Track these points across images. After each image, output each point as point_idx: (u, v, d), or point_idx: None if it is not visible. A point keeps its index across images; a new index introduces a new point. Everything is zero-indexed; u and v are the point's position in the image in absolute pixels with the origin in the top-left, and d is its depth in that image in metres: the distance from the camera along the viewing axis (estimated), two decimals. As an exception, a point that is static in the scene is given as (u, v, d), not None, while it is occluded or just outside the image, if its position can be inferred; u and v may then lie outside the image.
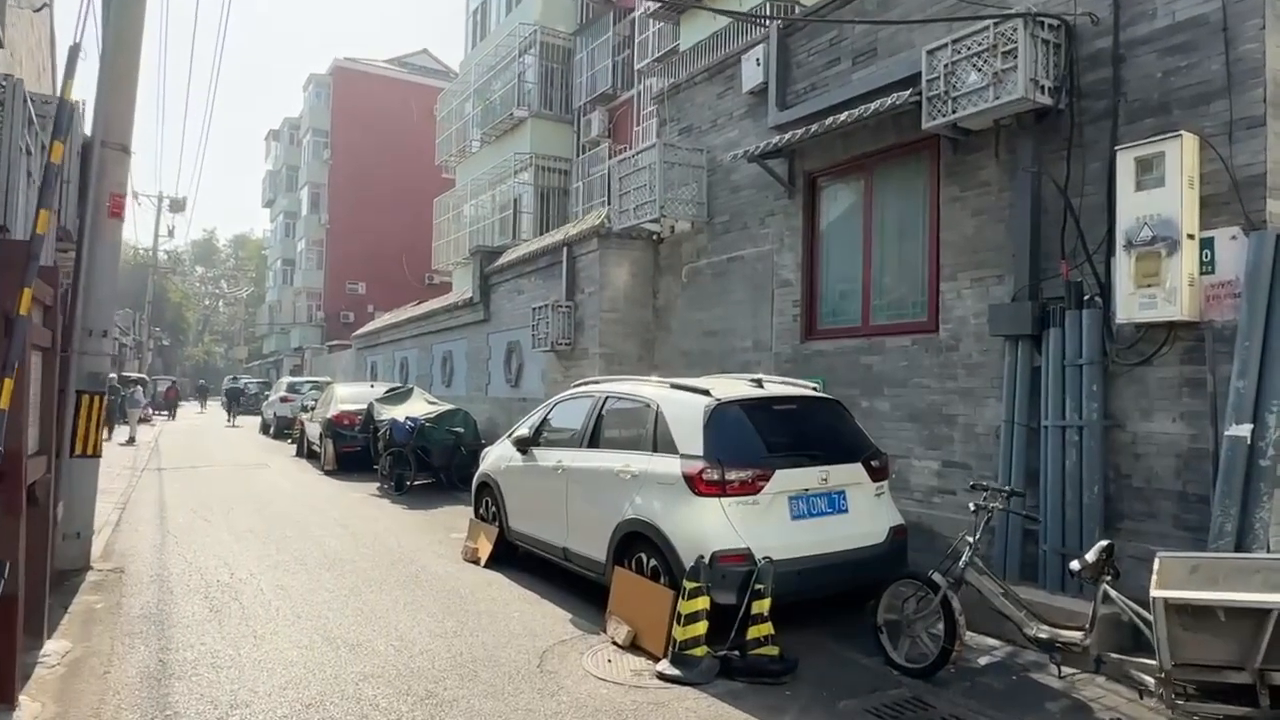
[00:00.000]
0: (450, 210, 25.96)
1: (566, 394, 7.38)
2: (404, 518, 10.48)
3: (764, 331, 8.85)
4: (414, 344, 20.18)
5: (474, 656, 5.18)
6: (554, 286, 11.88)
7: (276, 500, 11.77)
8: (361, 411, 15.21)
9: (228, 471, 15.49)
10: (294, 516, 10.32)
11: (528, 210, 21.41)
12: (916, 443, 7.03)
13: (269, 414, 25.85)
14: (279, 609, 6.17)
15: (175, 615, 5.98)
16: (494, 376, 14.60)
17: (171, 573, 7.24)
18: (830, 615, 5.98)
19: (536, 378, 12.75)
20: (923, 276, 7.21)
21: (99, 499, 10.65)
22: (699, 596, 4.96)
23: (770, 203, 8.85)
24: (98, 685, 4.61)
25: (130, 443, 20.86)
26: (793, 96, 8.55)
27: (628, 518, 5.76)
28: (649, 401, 6.10)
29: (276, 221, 52.39)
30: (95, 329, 7.23)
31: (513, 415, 13.48)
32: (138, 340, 41.60)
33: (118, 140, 7.34)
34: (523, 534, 7.36)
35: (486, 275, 14.66)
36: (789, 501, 5.45)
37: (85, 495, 7.23)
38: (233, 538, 8.87)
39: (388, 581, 7.04)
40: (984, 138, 6.50)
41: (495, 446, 8.29)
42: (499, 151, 22.87)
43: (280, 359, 48.65)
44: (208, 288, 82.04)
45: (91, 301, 7.18)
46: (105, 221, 7.23)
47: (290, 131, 50.63)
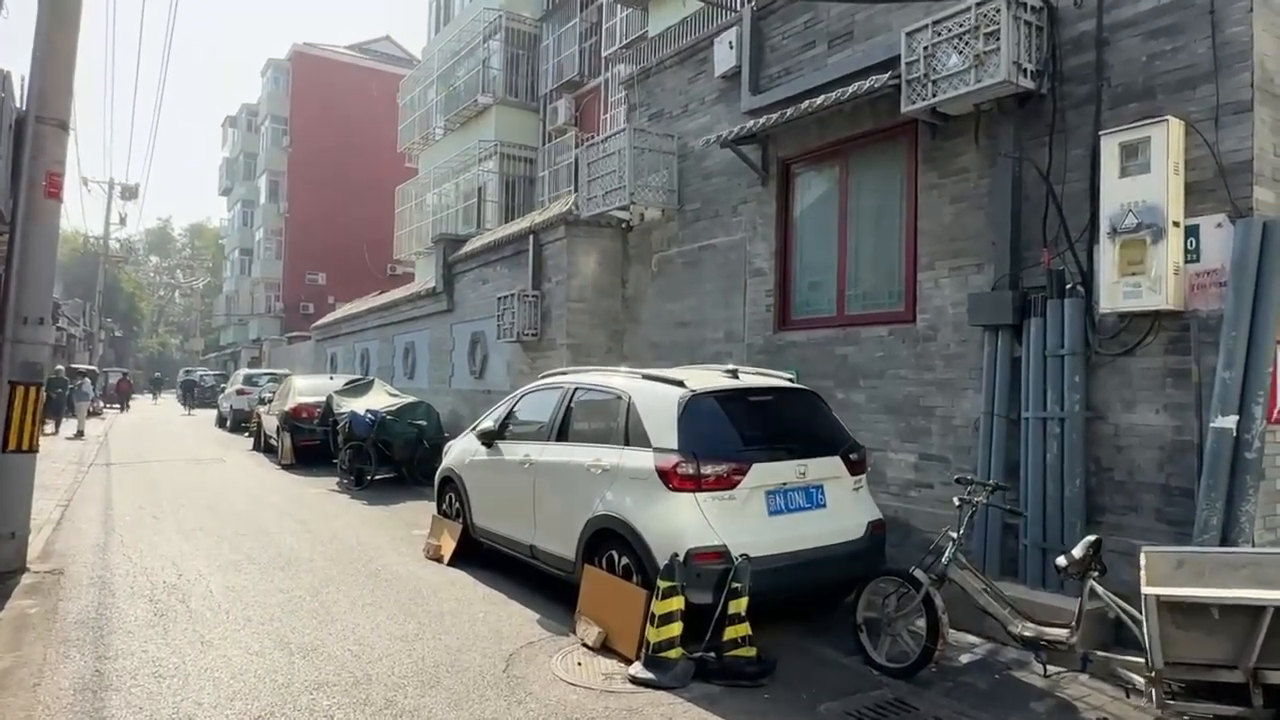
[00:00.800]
0: (413, 199, 25.42)
1: (534, 385, 7.12)
2: (364, 514, 10.13)
3: (736, 322, 8.65)
4: (375, 335, 19.70)
5: (436, 661, 4.91)
6: (520, 275, 11.57)
7: (230, 496, 11.33)
8: (320, 404, 14.77)
9: (180, 466, 14.94)
10: (248, 513, 9.92)
11: (492, 199, 20.99)
12: (893, 435, 6.88)
13: (225, 406, 25.15)
14: (229, 612, 5.83)
15: (116, 620, 5.61)
16: (458, 368, 14.25)
17: (114, 574, 6.85)
18: (806, 613, 5.81)
19: (502, 369, 12.44)
20: (899, 265, 7.06)
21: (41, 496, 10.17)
22: (673, 596, 4.74)
23: (743, 190, 8.65)
24: (26, 699, 4.26)
25: (78, 437, 20.12)
26: (766, 81, 8.35)
27: (598, 514, 5.53)
28: (620, 393, 5.86)
29: (234, 210, 51.27)
30: (31, 316, 6.79)
31: (477, 408, 13.15)
32: (88, 331, 40.34)
33: (54, 115, 6.89)
34: (488, 531, 7.09)
35: (450, 264, 14.28)
36: (766, 496, 5.26)
37: (20, 493, 6.79)
38: (182, 536, 8.47)
39: (345, 581, 6.72)
40: (963, 123, 6.35)
41: (459, 440, 8.00)
42: (463, 139, 22.41)
43: (238, 350, 47.60)
44: (163, 278, 79.96)
45: (26, 286, 6.73)
46: (41, 202, 6.79)
47: (248, 118, 49.50)
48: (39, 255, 6.83)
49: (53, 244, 6.99)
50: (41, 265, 6.86)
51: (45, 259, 6.91)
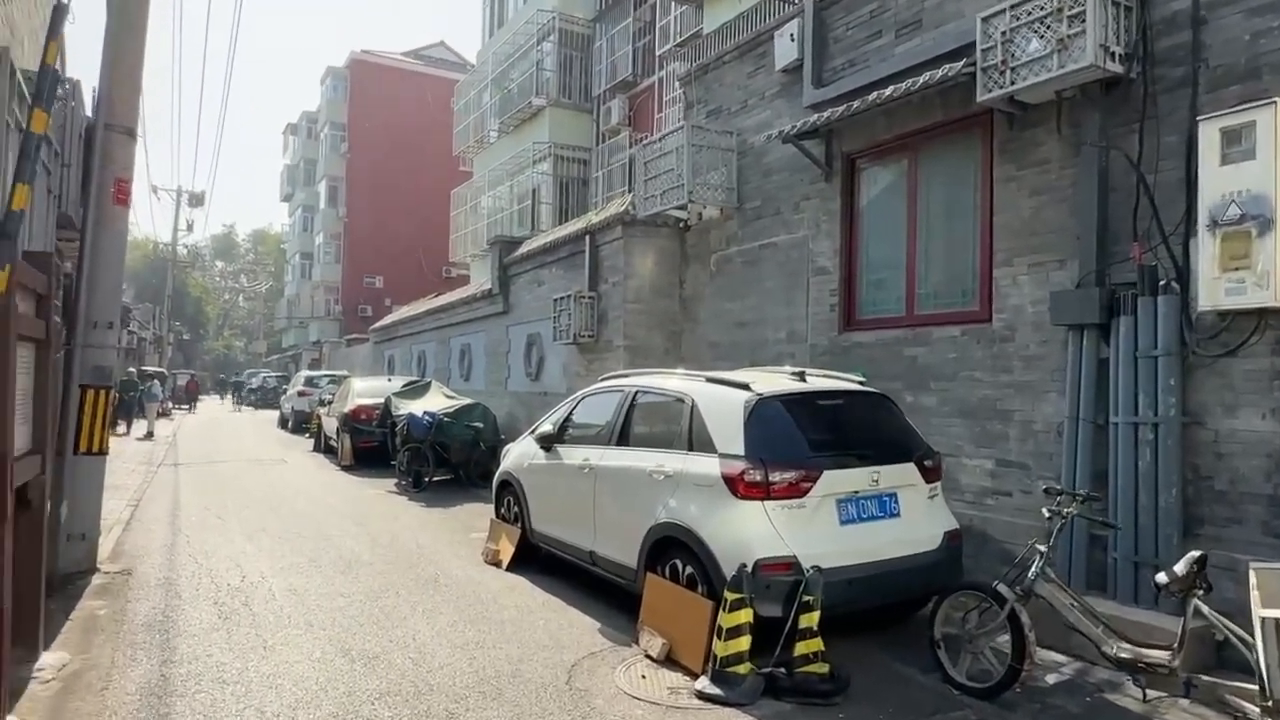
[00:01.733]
0: (468, 202, 25.63)
1: (593, 388, 6.99)
2: (422, 516, 10.13)
3: (799, 322, 8.41)
4: (432, 337, 19.86)
5: (497, 671, 4.80)
6: (576, 277, 11.48)
7: (292, 497, 11.47)
8: (379, 406, 14.92)
9: (244, 467, 15.23)
10: (309, 514, 10.00)
11: (546, 201, 21.01)
12: (967, 440, 6.58)
13: (287, 408, 25.65)
14: (291, 616, 5.82)
15: (182, 623, 5.64)
16: (513, 370, 14.24)
17: (181, 575, 6.92)
18: (878, 625, 5.56)
19: (558, 371, 12.37)
20: (974, 262, 6.74)
21: (112, 496, 10.41)
22: (741, 608, 4.55)
23: (805, 186, 8.40)
24: (93, 704, 4.26)
25: (148, 437, 20.70)
26: (830, 73, 8.09)
27: (661, 521, 5.36)
28: (683, 396, 5.68)
29: (295, 215, 52.40)
30: (100, 320, 6.90)
31: (533, 410, 13.11)
32: (157, 334, 41.63)
33: (122, 123, 6.99)
34: (546, 536, 6.98)
35: (506, 266, 14.27)
36: (837, 505, 5.03)
37: (90, 495, 6.91)
38: (246, 537, 8.55)
39: (405, 585, 6.68)
40: (1044, 111, 6.03)
41: (517, 444, 7.92)
42: (517, 141, 22.49)
43: (299, 352, 48.66)
44: (227, 282, 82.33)
45: (96, 292, 6.85)
46: (109, 208, 6.89)
47: (308, 125, 50.55)
48: (107, 261, 6.94)
49: (121, 250, 7.10)
50: (110, 271, 6.97)
51: (113, 265, 7.02)
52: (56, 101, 6.71)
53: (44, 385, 4.66)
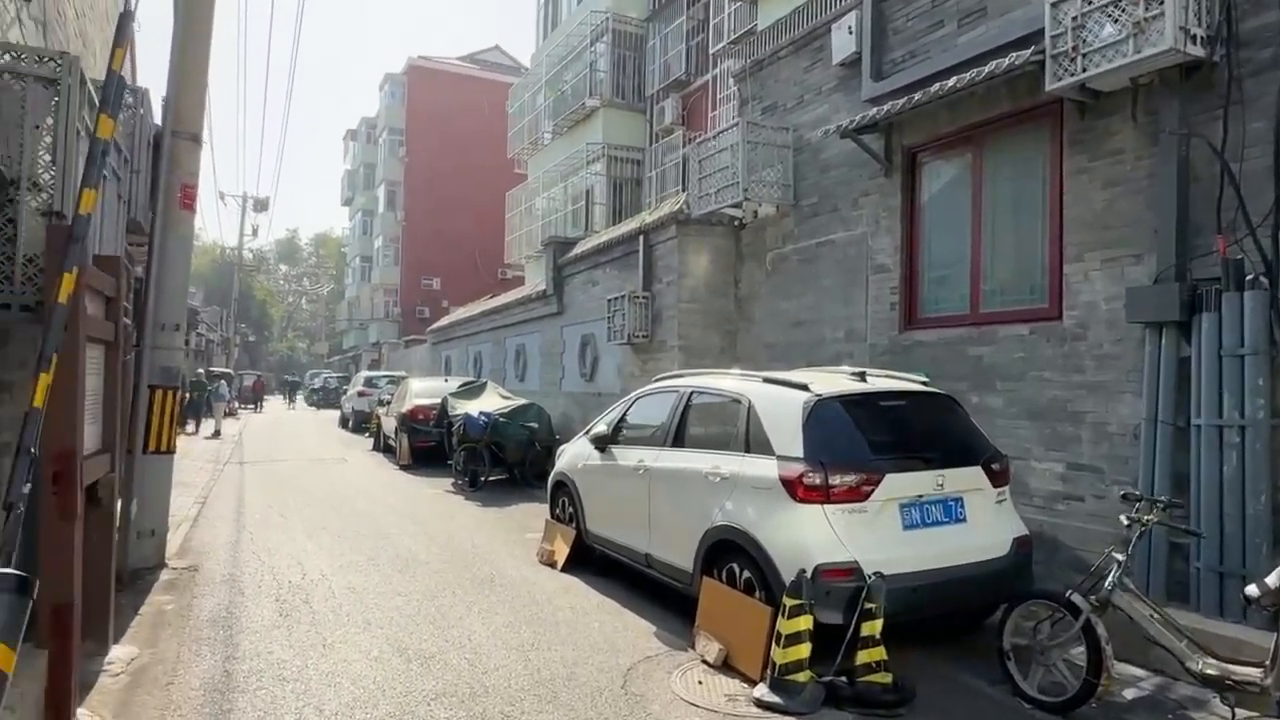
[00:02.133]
0: (522, 204, 25.80)
1: (648, 389, 6.92)
2: (478, 516, 10.20)
3: (857, 321, 8.22)
4: (488, 338, 20.06)
5: (553, 674, 4.77)
6: (630, 277, 11.44)
7: (352, 496, 11.66)
8: (436, 406, 15.09)
9: (306, 466, 15.57)
10: (368, 513, 10.15)
11: (600, 201, 21.02)
12: (1035, 443, 6.33)
13: (347, 408, 26.21)
14: (349, 614, 5.88)
15: (244, 619, 5.74)
16: (568, 370, 14.27)
17: (244, 572, 7.06)
18: (941, 634, 5.38)
19: (612, 371, 12.35)
20: (1042, 258, 6.49)
21: (180, 494, 10.71)
22: (801, 615, 4.42)
23: (864, 182, 8.21)
24: (159, 698, 4.35)
25: (215, 436, 21.33)
26: (889, 66, 7.89)
27: (718, 524, 5.27)
28: (739, 397, 5.58)
29: (355, 219, 53.51)
30: (168, 323, 7.08)
31: (588, 410, 13.12)
32: (224, 336, 42.94)
33: (188, 130, 7.17)
34: (601, 537, 6.94)
35: (560, 267, 14.31)
36: (900, 509, 4.87)
37: (159, 492, 7.10)
38: (307, 535, 8.71)
39: (462, 585, 6.70)
40: (1118, 100, 5.76)
41: (572, 444, 7.90)
42: (571, 143, 22.57)
43: (359, 354, 49.69)
44: (291, 285, 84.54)
45: (163, 294, 7.03)
46: (176, 212, 7.07)
47: (367, 130, 51.58)
48: (174, 265, 7.12)
49: (187, 254, 7.28)
50: (177, 274, 7.15)
51: (180, 268, 7.20)
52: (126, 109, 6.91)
53: (113, 386, 4.78)
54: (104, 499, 4.65)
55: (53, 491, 3.73)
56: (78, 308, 3.61)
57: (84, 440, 3.95)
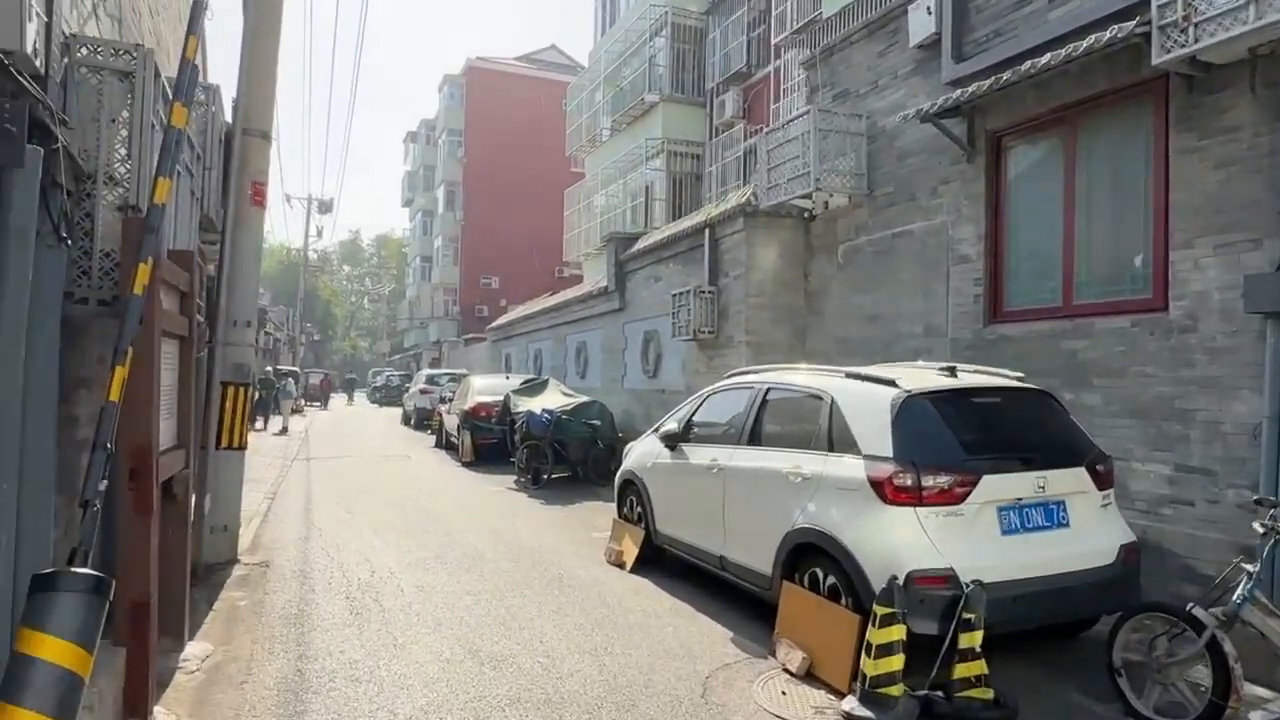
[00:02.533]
0: (581, 201, 25.77)
1: (720, 385, 6.70)
2: (543, 514, 10.10)
3: (937, 315, 7.86)
4: (548, 335, 20.03)
5: (629, 680, 4.59)
6: (695, 271, 11.21)
7: (416, 493, 11.69)
8: (498, 403, 15.09)
9: (371, 462, 15.72)
10: (433, 510, 10.13)
11: (660, 197, 20.83)
12: (1138, 443, 5.92)
13: (409, 405, 26.51)
14: (419, 613, 5.79)
15: (316, 617, 5.70)
16: (630, 367, 14.11)
17: (314, 569, 7.05)
18: (1038, 646, 5.04)
19: (676, 368, 12.13)
20: (1145, 245, 6.07)
21: (251, 488, 10.85)
22: (893, 624, 4.15)
23: (944, 169, 7.84)
24: (234, 697, 4.29)
25: (283, 433, 21.75)
26: (971, 46, 7.51)
27: (799, 527, 5.02)
28: (820, 393, 5.32)
29: (415, 220, 54.32)
30: (239, 319, 7.11)
31: (650, 408, 12.94)
32: (291, 335, 43.96)
33: (259, 127, 7.19)
34: (672, 538, 6.74)
35: (622, 263, 14.15)
36: (998, 513, 4.56)
37: (231, 488, 7.14)
38: (374, 532, 8.70)
39: (530, 585, 6.58)
40: (1233, 72, 5.33)
41: (640, 442, 7.72)
42: (630, 139, 22.43)
43: (420, 352, 50.41)
44: (353, 285, 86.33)
45: (235, 291, 7.06)
46: (247, 210, 7.10)
47: (426, 132, 52.30)
48: (245, 262, 7.15)
49: (257, 250, 7.30)
50: (248, 271, 7.18)
51: (251, 265, 7.23)
52: (198, 106, 6.95)
53: (187, 382, 4.76)
54: (179, 495, 4.63)
55: (129, 488, 3.69)
56: (153, 300, 3.55)
57: (159, 436, 3.90)
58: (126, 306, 2.82)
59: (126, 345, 2.72)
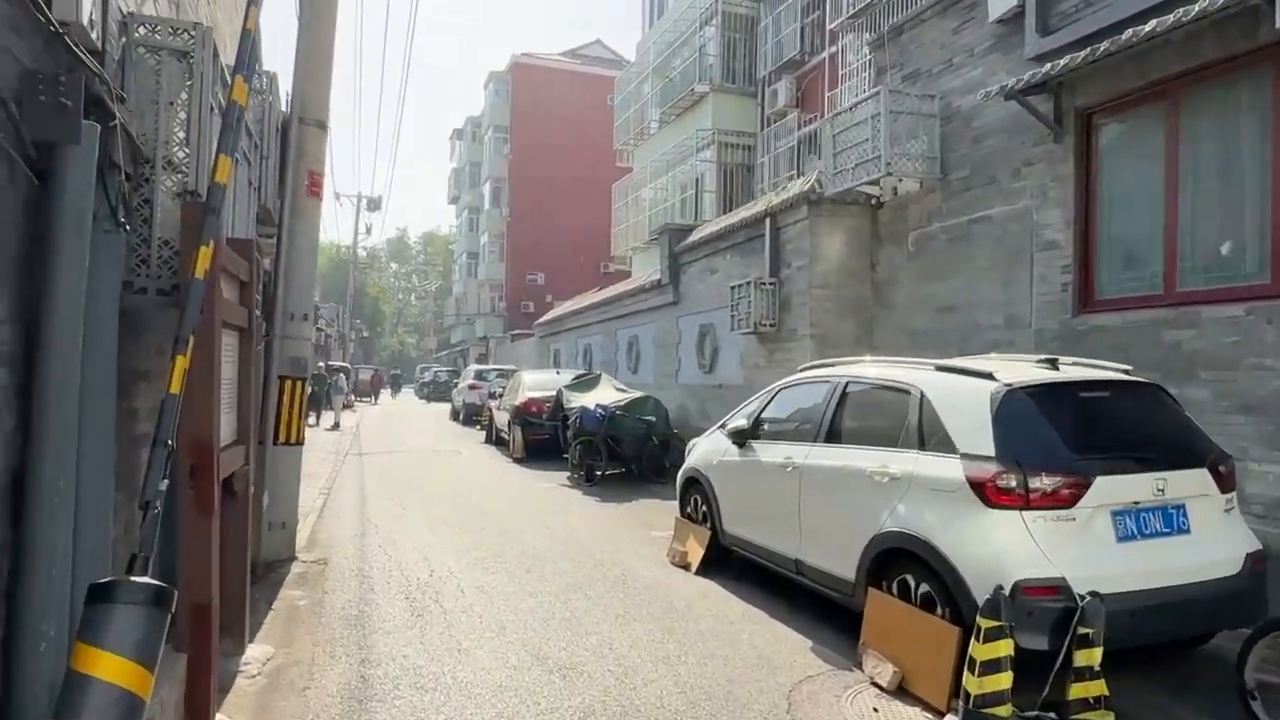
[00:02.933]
0: (628, 195, 25.51)
1: (792, 379, 6.37)
2: (598, 511, 9.86)
3: (1020, 304, 7.42)
4: (598, 330, 19.81)
5: (707, 691, 4.30)
6: (754, 262, 10.87)
7: (469, 489, 11.55)
8: (549, 399, 14.93)
9: (422, 458, 15.67)
10: (487, 507, 9.96)
11: (710, 189, 20.48)
12: (1254, 441, 5.46)
13: (458, 401, 26.54)
14: (482, 616, 5.58)
15: (377, 618, 5.51)
16: (684, 362, 13.80)
17: (372, 567, 6.90)
18: (1148, 662, 4.63)
19: (734, 363, 11.80)
20: (1264, 226, 5.59)
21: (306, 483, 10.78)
22: (1000, 639, 3.80)
23: (1027, 150, 7.39)
24: (296, 704, 4.11)
25: (335, 428, 21.91)
26: (1058, 19, 7.06)
27: (887, 530, 4.68)
28: (908, 387, 4.96)
29: (461, 217, 54.63)
30: (296, 312, 6.98)
31: (706, 403, 12.64)
32: (341, 331, 44.50)
33: (315, 116, 7.05)
34: (741, 539, 6.44)
35: (676, 255, 13.84)
36: (1113, 518, 4.17)
37: (289, 485, 7.01)
38: (429, 528, 8.55)
39: (594, 586, 6.33)
40: (1368, 34, 4.85)
41: (704, 439, 7.42)
42: (678, 131, 22.10)
43: (466, 348, 50.69)
44: (400, 282, 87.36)
45: (292, 283, 6.93)
46: (304, 200, 6.96)
47: (472, 129, 52.55)
48: (302, 254, 7.01)
49: (314, 242, 7.16)
50: (304, 263, 7.05)
51: (307, 257, 7.09)
52: (256, 94, 6.82)
53: (246, 375, 4.59)
54: (240, 492, 4.47)
55: (190, 486, 3.51)
56: (214, 286, 3.36)
57: (220, 430, 3.72)
58: (187, 292, 2.61)
59: (188, 333, 2.52)
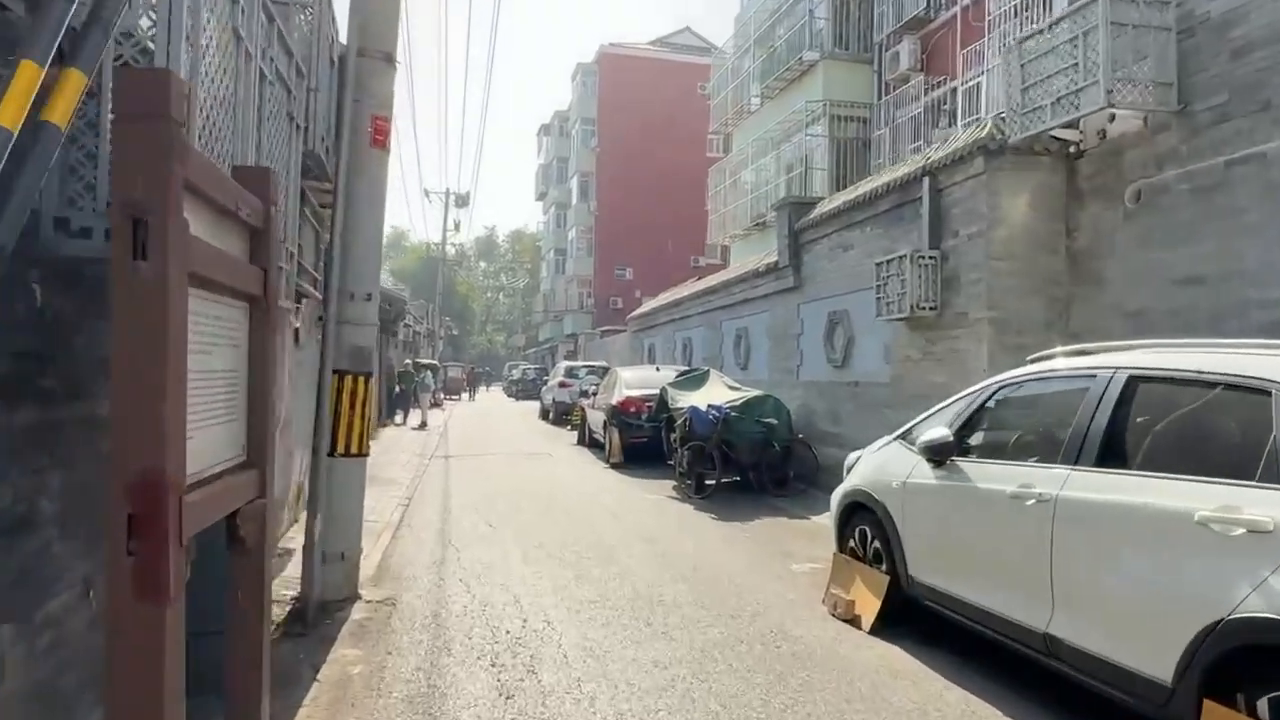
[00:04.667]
0: (726, 179, 23.79)
1: (1020, 374, 4.59)
2: (719, 533, 8.23)
3: (1316, 271, 5.42)
4: (699, 322, 18.13)
5: None
6: (905, 234, 9.01)
7: (564, 500, 10.09)
8: (650, 398, 13.45)
9: (511, 461, 14.34)
10: (586, 523, 8.47)
11: (821, 166, 18.61)
12: None
13: (548, 399, 25.35)
14: (594, 698, 4.03)
15: (451, 699, 4.02)
16: (808, 356, 11.98)
17: (450, 612, 5.45)
18: None
19: (876, 355, 9.94)
20: None
21: (384, 492, 9.53)
22: None
23: (1325, 58, 5.40)
24: None
25: (422, 427, 20.97)
26: None
27: (1243, 617, 2.89)
28: (1261, 384, 3.16)
29: (548, 213, 54.09)
30: (357, 291, 5.59)
31: (838, 403, 10.84)
32: (430, 329, 44.16)
33: (379, 47, 5.64)
34: (939, 591, 4.70)
35: (797, 233, 12.03)
36: None
37: (349, 506, 5.62)
38: (521, 555, 7.08)
39: (737, 651, 4.71)
40: None
41: (872, 452, 5.70)
42: (783, 106, 20.29)
43: (555, 345, 50.00)
44: (489, 281, 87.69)
45: (350, 255, 5.53)
46: (365, 151, 5.55)
47: (559, 124, 51.89)
48: (364, 217, 5.61)
49: (379, 202, 5.75)
50: (367, 230, 5.64)
51: (371, 223, 5.69)
52: (303, 10, 5.45)
53: (264, 366, 3.13)
54: (249, 538, 3.00)
55: (127, 550, 2.05)
56: (171, 205, 1.88)
57: (187, 452, 2.25)
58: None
59: None
